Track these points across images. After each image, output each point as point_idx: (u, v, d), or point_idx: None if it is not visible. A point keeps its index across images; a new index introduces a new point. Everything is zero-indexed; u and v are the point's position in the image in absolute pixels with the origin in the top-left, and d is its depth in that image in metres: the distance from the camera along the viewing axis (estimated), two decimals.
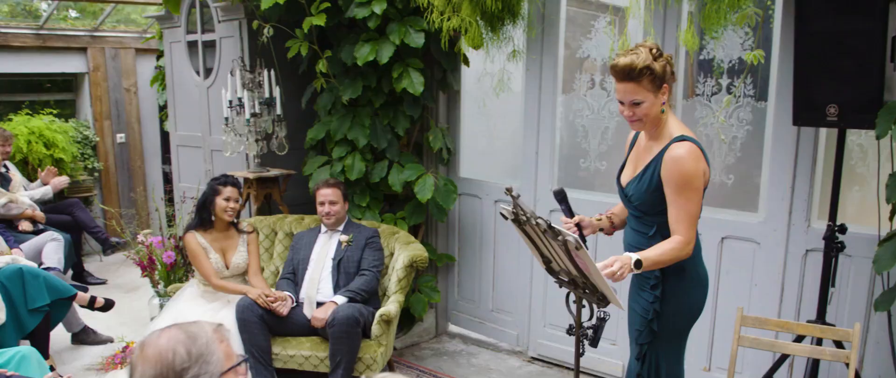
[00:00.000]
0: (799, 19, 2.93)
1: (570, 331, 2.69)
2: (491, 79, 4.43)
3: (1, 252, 4.29)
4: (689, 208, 2.46)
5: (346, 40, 4.35)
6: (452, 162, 4.75)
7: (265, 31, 4.27)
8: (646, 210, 2.58)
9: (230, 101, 4.57)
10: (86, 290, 4.51)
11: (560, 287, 2.70)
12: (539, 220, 2.37)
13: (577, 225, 2.75)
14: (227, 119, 4.58)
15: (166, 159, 7.53)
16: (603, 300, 2.44)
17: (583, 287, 2.51)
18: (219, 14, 4.98)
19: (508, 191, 2.41)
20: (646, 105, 2.47)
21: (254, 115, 4.51)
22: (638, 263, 2.36)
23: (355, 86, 4.33)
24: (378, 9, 4.07)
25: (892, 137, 2.75)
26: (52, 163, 6.30)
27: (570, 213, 2.75)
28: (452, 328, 5.01)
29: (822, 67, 2.90)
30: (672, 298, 2.58)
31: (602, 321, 2.55)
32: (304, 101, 4.83)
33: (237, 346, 3.71)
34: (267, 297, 3.79)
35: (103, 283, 6.01)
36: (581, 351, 2.67)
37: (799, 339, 3.04)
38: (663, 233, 2.54)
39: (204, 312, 3.85)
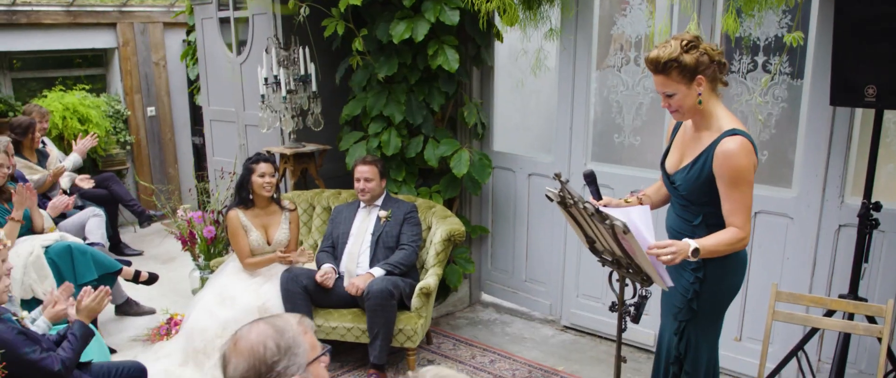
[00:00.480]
0: (838, 2, 2.98)
1: (612, 308, 2.80)
2: (526, 56, 4.49)
3: (49, 229, 4.43)
4: (744, 201, 2.52)
5: (380, 18, 4.41)
6: (486, 136, 4.83)
7: (302, 10, 4.34)
8: (693, 200, 2.64)
9: (265, 79, 4.66)
10: (129, 265, 4.66)
11: (603, 266, 2.81)
12: (586, 205, 2.47)
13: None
14: (263, 96, 4.67)
15: (196, 131, 7.66)
16: (647, 280, 2.54)
17: (627, 267, 2.61)
18: None
19: (557, 176, 2.51)
20: (678, 97, 2.53)
21: (289, 91, 4.60)
22: (695, 252, 2.43)
23: (391, 63, 4.41)
24: None
25: None
26: (79, 137, 6.42)
27: (598, 195, 2.76)
28: (486, 298, 5.15)
29: (861, 50, 2.95)
30: (713, 280, 2.66)
31: (644, 299, 2.66)
32: (338, 78, 4.91)
33: None
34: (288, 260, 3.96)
35: (140, 254, 6.17)
36: (624, 327, 2.78)
37: (830, 313, 3.13)
38: (708, 222, 2.61)
39: (247, 286, 3.99)
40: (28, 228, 4.29)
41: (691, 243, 2.44)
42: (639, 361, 4.17)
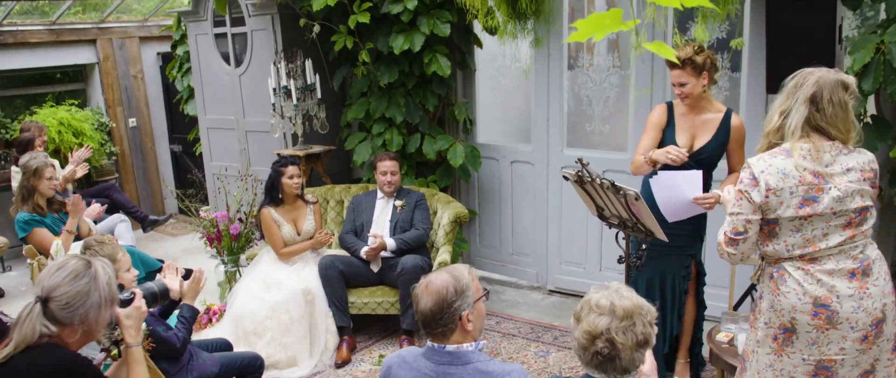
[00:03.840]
0: (769, 13, 3.82)
1: (620, 260, 3.57)
2: (503, 59, 5.24)
3: (90, 230, 4.88)
4: (743, 154, 3.53)
5: (379, 32, 5.05)
6: (472, 130, 5.54)
7: (314, 27, 4.94)
8: (711, 163, 3.57)
9: (274, 89, 5.23)
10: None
11: (610, 228, 3.57)
12: (604, 180, 3.22)
13: None
14: (273, 104, 5.24)
15: (173, 139, 8.08)
16: (650, 235, 3.32)
17: (632, 227, 3.38)
18: (250, 10, 5.59)
19: (580, 160, 3.25)
20: (690, 86, 3.42)
21: (298, 99, 5.18)
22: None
23: (392, 71, 5.06)
24: (411, 5, 4.80)
25: None
26: (75, 149, 6.77)
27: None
28: (476, 272, 5.87)
29: (789, 49, 3.79)
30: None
31: (644, 251, 3.44)
32: (336, 85, 5.52)
33: (321, 297, 4.49)
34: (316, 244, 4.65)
35: None
36: (630, 276, 3.55)
37: None
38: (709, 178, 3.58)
39: (289, 272, 4.58)
40: (75, 235, 4.74)
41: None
42: None
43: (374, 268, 4.65)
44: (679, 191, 3.32)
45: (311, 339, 4.44)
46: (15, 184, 5.95)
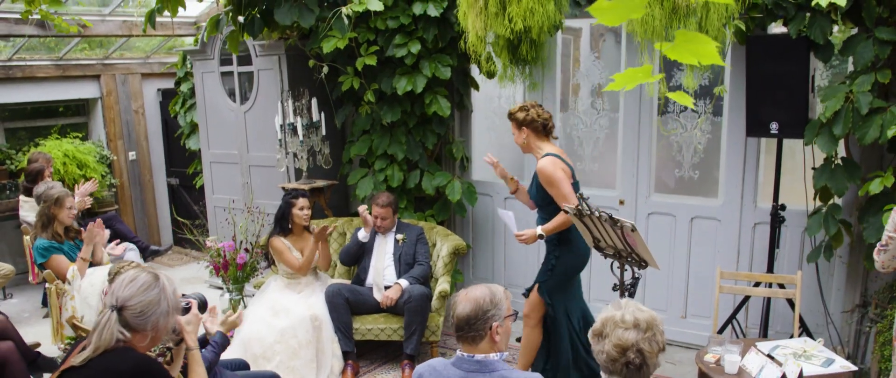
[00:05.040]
0: (749, 63, 4.19)
1: (614, 288, 3.85)
2: (499, 100, 5.57)
3: (106, 261, 5.07)
4: (563, 192, 3.89)
5: (383, 74, 5.36)
6: (468, 167, 5.84)
7: (323, 68, 5.25)
8: (540, 203, 4.11)
9: (281, 125, 5.50)
10: None
11: (605, 258, 3.86)
12: (602, 213, 3.52)
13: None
14: (280, 140, 5.50)
15: (171, 173, 8.29)
16: (643, 264, 3.61)
17: (627, 257, 3.68)
18: (258, 50, 5.89)
19: (580, 195, 3.55)
20: (515, 137, 4.10)
21: (305, 135, 5.46)
22: (542, 235, 4.01)
23: (394, 110, 5.37)
24: (414, 49, 5.12)
25: (814, 144, 4.02)
26: (82, 182, 6.96)
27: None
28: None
29: (767, 96, 4.15)
30: (563, 260, 4.12)
31: (637, 280, 3.73)
32: (339, 123, 5.81)
33: (328, 323, 4.71)
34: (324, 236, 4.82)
35: None
36: None
37: (757, 284, 4.32)
38: (550, 217, 4.05)
39: (297, 300, 4.80)
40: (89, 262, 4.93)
41: (537, 229, 4.02)
42: None
43: (377, 296, 4.88)
44: (509, 224, 4.17)
45: (317, 363, 4.64)
46: (23, 212, 6.14)
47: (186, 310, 2.78)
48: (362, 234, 5.02)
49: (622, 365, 2.25)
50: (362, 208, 4.99)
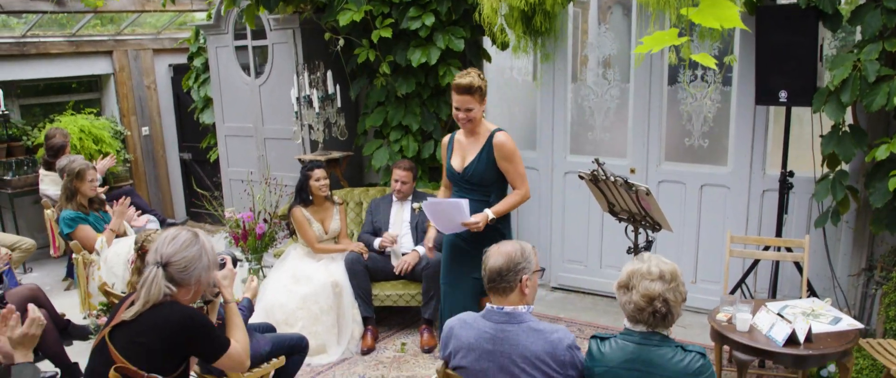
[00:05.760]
0: (759, 33, 4.27)
1: (629, 251, 3.98)
2: (510, 71, 5.68)
3: (134, 224, 5.20)
4: (520, 171, 3.76)
5: (397, 47, 5.45)
6: None
7: (339, 41, 5.34)
8: (481, 180, 3.79)
9: (297, 98, 5.60)
10: None
11: (619, 222, 3.99)
12: (617, 178, 3.64)
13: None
14: (296, 112, 5.61)
15: (183, 148, 8.40)
16: (657, 228, 3.74)
17: (640, 220, 3.80)
18: (272, 24, 5.97)
19: (596, 160, 3.67)
20: (475, 111, 3.69)
21: (321, 107, 5.56)
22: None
23: (409, 82, 5.47)
24: (428, 22, 5.21)
25: (822, 112, 4.12)
26: (101, 157, 7.07)
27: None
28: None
29: (776, 65, 4.25)
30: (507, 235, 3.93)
31: (650, 243, 3.86)
32: (353, 95, 5.91)
33: (348, 289, 4.85)
34: (363, 252, 4.94)
35: None
36: None
37: (766, 248, 4.45)
38: (499, 196, 3.82)
39: (318, 267, 4.93)
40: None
41: (488, 212, 3.70)
42: (616, 306, 5.39)
43: (394, 262, 5.01)
44: (447, 215, 3.72)
45: (338, 328, 4.79)
46: (43, 186, 6.26)
47: (222, 265, 2.92)
48: (376, 244, 5.08)
49: (649, 314, 2.38)
50: (384, 242, 5.05)
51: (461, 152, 3.86)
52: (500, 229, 3.83)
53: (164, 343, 2.54)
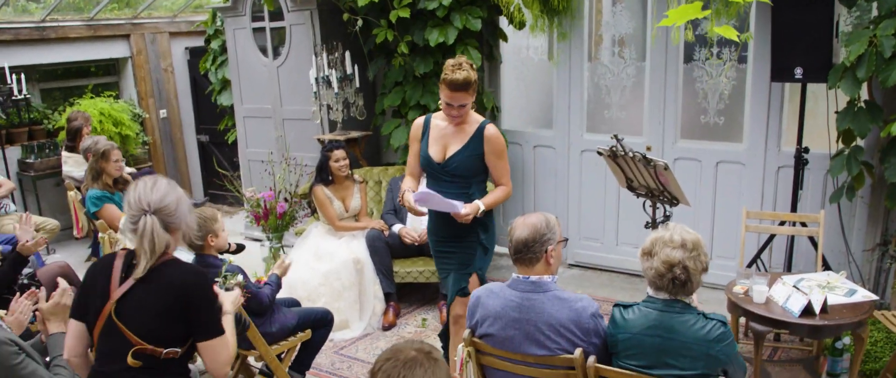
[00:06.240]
0: (774, 11, 4.31)
1: (647, 225, 4.05)
2: (527, 50, 5.74)
3: None
4: (507, 167, 3.59)
5: (415, 27, 5.51)
6: (498, 117, 6.02)
7: (358, 21, 5.40)
8: (465, 173, 3.52)
9: (316, 78, 5.67)
10: None
11: (637, 198, 4.06)
12: (636, 154, 3.71)
13: None
14: (315, 93, 5.68)
15: (200, 130, 8.49)
16: (674, 202, 3.80)
17: (658, 195, 3.87)
18: (289, 5, 6.03)
19: (615, 136, 3.74)
20: (467, 106, 3.46)
21: (340, 87, 5.63)
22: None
23: (427, 62, 5.53)
24: (445, 1, 5.27)
25: (838, 88, 4.16)
26: (119, 140, 7.18)
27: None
28: (498, 249, 6.32)
29: (792, 42, 4.29)
30: (491, 236, 3.74)
31: (668, 218, 3.93)
32: (371, 75, 5.98)
33: (370, 266, 4.94)
34: (384, 229, 5.04)
35: None
36: None
37: (782, 224, 4.51)
38: (480, 189, 3.60)
39: (338, 245, 5.03)
40: None
41: (480, 204, 3.46)
42: (633, 283, 5.49)
43: (408, 240, 5.07)
44: (436, 207, 3.51)
45: (360, 304, 4.89)
46: (67, 168, 6.37)
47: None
48: (397, 229, 5.11)
49: (669, 280, 2.46)
50: (407, 239, 5.04)
51: (441, 141, 3.56)
52: (484, 222, 3.63)
53: (175, 303, 2.45)
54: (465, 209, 3.43)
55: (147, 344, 2.45)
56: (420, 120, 3.67)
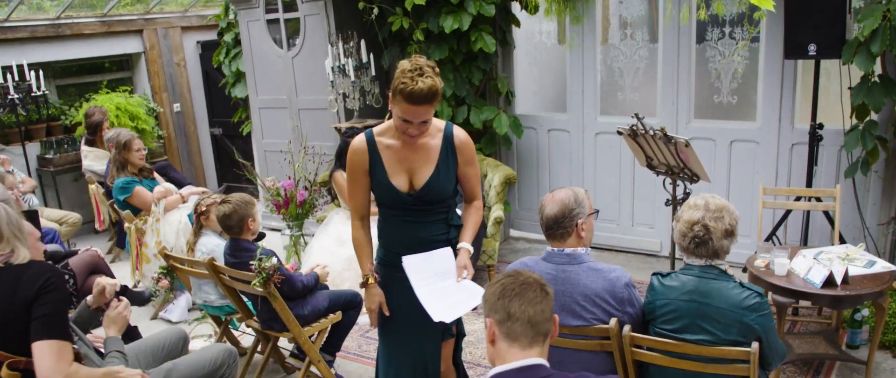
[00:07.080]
0: None
1: (667, 203, 4.13)
2: (539, 35, 5.81)
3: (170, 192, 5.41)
4: (479, 173, 2.93)
5: (429, 14, 5.57)
6: (512, 101, 6.09)
7: (374, 10, 5.47)
8: (444, 196, 2.82)
9: (332, 68, 5.74)
10: None
11: (657, 175, 4.13)
12: (656, 132, 3.78)
13: None
14: (331, 82, 5.75)
15: (213, 123, 8.57)
16: (694, 178, 3.88)
17: (679, 172, 3.94)
18: None
19: (636, 115, 3.81)
20: (429, 123, 2.69)
21: (356, 76, 5.71)
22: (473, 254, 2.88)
23: (442, 48, 5.60)
24: None
25: (852, 63, 4.23)
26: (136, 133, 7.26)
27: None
28: (513, 232, 6.43)
29: (804, 19, 4.35)
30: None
31: (688, 195, 4.00)
32: (386, 63, 6.05)
33: None
34: None
35: None
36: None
37: (798, 199, 4.58)
38: (451, 211, 2.90)
39: None
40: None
41: (470, 249, 2.85)
42: (649, 262, 5.57)
43: None
44: (431, 270, 2.79)
45: None
46: (87, 162, 6.45)
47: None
48: None
49: (690, 240, 2.57)
50: None
51: (404, 166, 2.80)
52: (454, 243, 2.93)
53: (24, 303, 2.41)
54: (460, 261, 2.82)
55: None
56: (360, 145, 2.83)
